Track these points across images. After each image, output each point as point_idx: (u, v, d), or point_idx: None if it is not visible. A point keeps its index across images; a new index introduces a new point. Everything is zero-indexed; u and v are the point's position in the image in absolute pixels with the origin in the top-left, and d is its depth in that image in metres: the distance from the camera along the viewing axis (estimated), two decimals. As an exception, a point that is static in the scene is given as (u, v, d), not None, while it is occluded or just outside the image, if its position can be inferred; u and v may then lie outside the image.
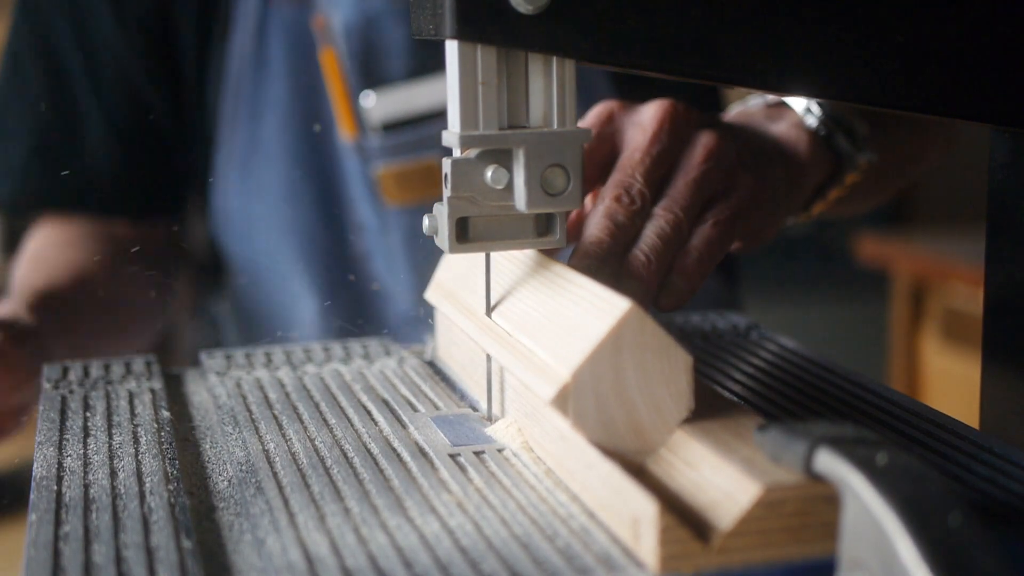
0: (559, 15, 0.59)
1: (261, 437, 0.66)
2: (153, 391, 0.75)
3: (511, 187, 0.62)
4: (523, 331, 0.63)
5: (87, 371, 0.79)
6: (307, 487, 0.58)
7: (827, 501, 0.49)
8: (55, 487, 0.59)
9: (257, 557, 0.53)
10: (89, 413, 0.71)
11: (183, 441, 0.68)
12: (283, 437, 0.66)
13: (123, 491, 0.59)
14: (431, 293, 0.78)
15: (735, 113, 0.85)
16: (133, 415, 0.70)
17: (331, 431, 0.66)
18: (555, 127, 0.62)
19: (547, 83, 0.62)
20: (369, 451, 0.63)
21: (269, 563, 0.51)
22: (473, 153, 0.62)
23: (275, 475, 0.60)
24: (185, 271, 1.25)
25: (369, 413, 0.70)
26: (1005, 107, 0.66)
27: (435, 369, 0.79)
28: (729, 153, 0.72)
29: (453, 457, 0.62)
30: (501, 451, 0.63)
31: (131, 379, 0.77)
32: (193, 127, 1.17)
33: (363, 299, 1.16)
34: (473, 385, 0.74)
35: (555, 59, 0.61)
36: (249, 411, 0.70)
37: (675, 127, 0.72)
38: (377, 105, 1.12)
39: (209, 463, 0.65)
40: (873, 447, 0.46)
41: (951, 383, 2.51)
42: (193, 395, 0.77)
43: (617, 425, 0.56)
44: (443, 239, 0.64)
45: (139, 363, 0.80)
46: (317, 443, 0.64)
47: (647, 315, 0.55)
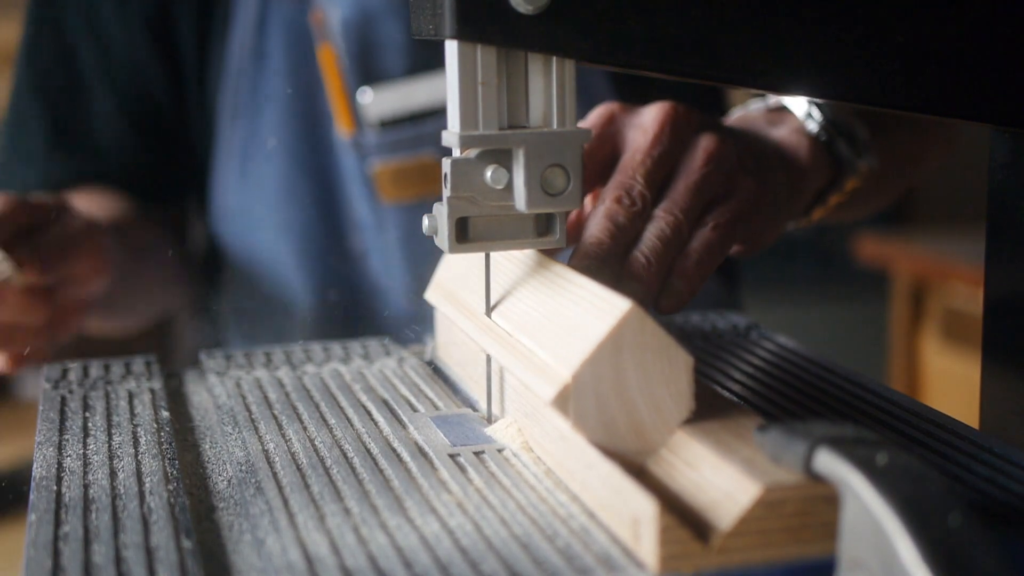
0: (559, 15, 0.59)
1: (261, 437, 0.66)
2: (153, 391, 0.75)
3: (511, 187, 0.62)
4: (523, 331, 0.63)
5: (87, 371, 0.79)
6: (307, 487, 0.58)
7: (827, 501, 0.49)
8: (55, 487, 0.59)
9: (257, 557, 0.53)
10: (89, 413, 0.71)
11: (183, 441, 0.68)
12: (283, 437, 0.66)
13: (123, 491, 0.59)
14: (431, 293, 0.78)
15: (736, 117, 0.85)
16: (133, 415, 0.70)
17: (331, 431, 0.66)
18: (555, 127, 0.62)
19: (547, 83, 0.62)
20: (369, 451, 0.63)
21: (269, 563, 0.51)
22: (473, 153, 0.62)
23: (275, 475, 0.60)
24: (186, 266, 1.26)
25: (369, 413, 0.70)
26: (1005, 107, 0.66)
27: (435, 369, 0.79)
28: (730, 156, 0.72)
29: (453, 457, 0.62)
30: (501, 451, 0.63)
31: (131, 379, 0.77)
32: (194, 122, 1.18)
33: (359, 297, 1.16)
34: (473, 385, 0.73)
35: (555, 59, 0.61)
36: (249, 411, 0.70)
37: (676, 129, 0.72)
38: (374, 102, 1.12)
39: (209, 463, 0.65)
40: (873, 447, 0.46)
41: (951, 383, 2.51)
42: (193, 395, 0.77)
43: (618, 425, 0.56)
44: (443, 239, 0.64)
45: (139, 363, 0.80)
46: (317, 443, 0.64)
47: (647, 315, 0.55)
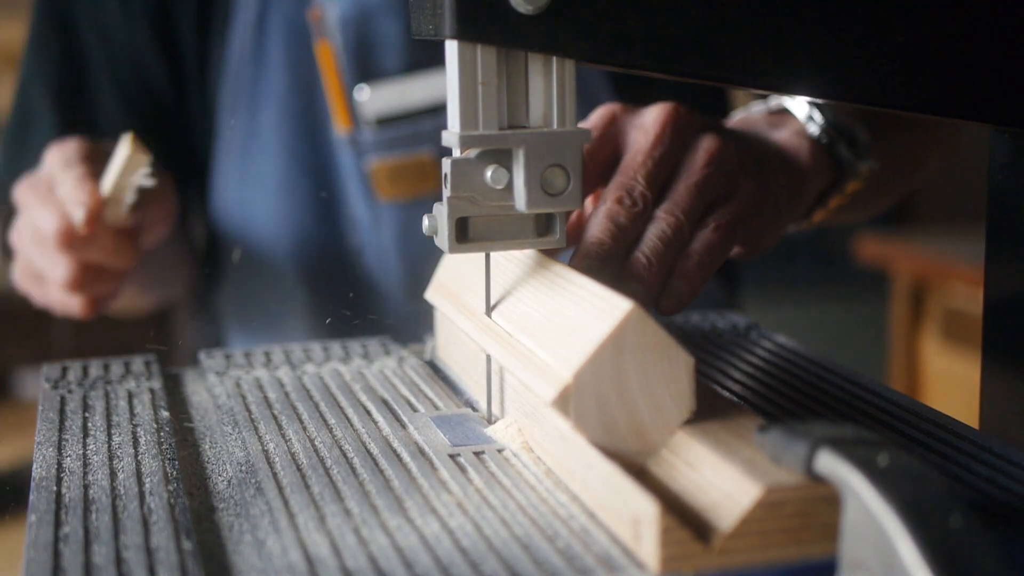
0: (559, 15, 0.59)
1: (261, 437, 0.66)
2: (152, 391, 0.75)
3: (511, 187, 0.62)
4: (523, 331, 0.63)
5: (86, 371, 0.79)
6: (307, 488, 0.58)
7: (828, 502, 0.49)
8: (55, 488, 0.59)
9: (257, 558, 0.52)
10: (88, 413, 0.71)
11: (183, 441, 0.68)
12: (283, 437, 0.66)
13: (123, 492, 0.59)
14: (431, 293, 0.78)
15: (737, 119, 0.85)
16: (132, 415, 0.70)
17: (331, 431, 0.66)
18: (555, 127, 0.62)
19: (547, 83, 0.62)
20: (369, 451, 0.63)
21: (269, 564, 0.51)
22: (473, 153, 0.62)
23: (275, 475, 0.60)
24: (189, 256, 1.26)
25: (369, 413, 0.70)
26: (1005, 107, 0.65)
27: (435, 369, 0.79)
28: (731, 158, 0.72)
29: (453, 457, 0.62)
30: (501, 451, 0.63)
31: (130, 379, 0.77)
32: (195, 118, 1.18)
33: (355, 293, 1.16)
34: (473, 385, 0.73)
35: (555, 59, 0.61)
36: (248, 411, 0.70)
37: (678, 130, 0.72)
38: (371, 99, 1.12)
39: (209, 463, 0.64)
40: (874, 448, 0.46)
41: (951, 383, 2.51)
42: (192, 395, 0.77)
43: (618, 426, 0.56)
44: (443, 239, 0.63)
45: (138, 363, 0.80)
46: (317, 443, 0.64)
47: (648, 316, 0.55)
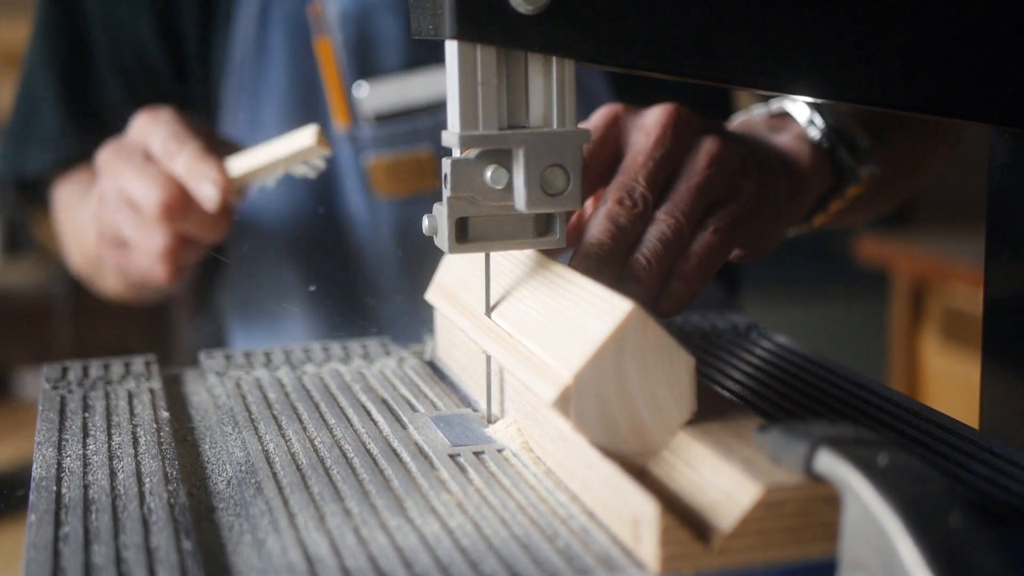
0: (559, 15, 0.59)
1: (260, 437, 0.66)
2: (152, 391, 0.75)
3: (511, 187, 0.62)
4: (524, 332, 0.63)
5: (86, 371, 0.79)
6: (307, 487, 0.58)
7: (827, 502, 0.49)
8: (55, 488, 0.59)
9: (257, 558, 0.53)
10: (88, 413, 0.71)
11: (183, 441, 0.68)
12: (282, 437, 0.66)
13: (123, 492, 0.59)
14: (431, 294, 0.78)
15: (738, 123, 0.85)
16: (132, 415, 0.70)
17: (331, 431, 0.66)
18: (555, 127, 0.62)
19: (547, 83, 0.62)
20: (369, 451, 0.63)
21: (269, 564, 0.51)
22: (473, 153, 0.62)
23: (275, 475, 0.60)
24: None
25: (369, 413, 0.70)
26: (1005, 107, 0.65)
27: (435, 369, 0.79)
28: (732, 160, 0.72)
29: (453, 457, 0.62)
30: (501, 451, 0.63)
31: (130, 379, 0.77)
32: (197, 110, 1.18)
33: (355, 292, 1.16)
34: (473, 385, 0.73)
35: (555, 59, 0.61)
36: (248, 411, 0.70)
37: (679, 132, 0.71)
38: (370, 95, 1.12)
39: (208, 463, 0.64)
40: (873, 447, 0.46)
41: (951, 383, 2.51)
42: (192, 395, 0.77)
43: (619, 427, 0.56)
44: (443, 239, 0.63)
45: (138, 363, 0.80)
46: (317, 443, 0.64)
47: (649, 316, 0.55)
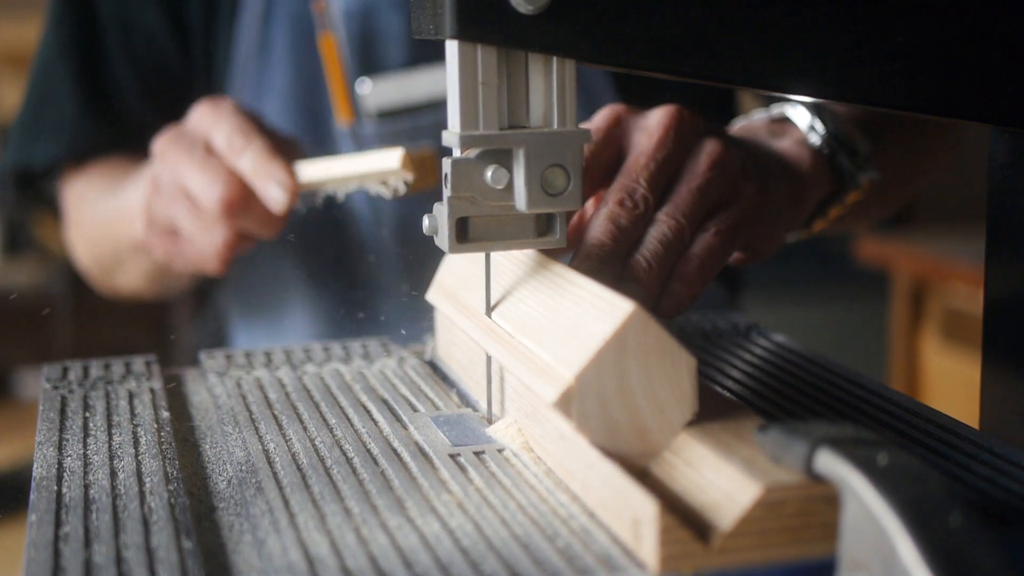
0: (559, 15, 0.59)
1: (261, 437, 0.66)
2: (153, 391, 0.75)
3: (511, 187, 0.62)
4: (524, 332, 0.63)
5: (87, 371, 0.79)
6: (307, 487, 0.58)
7: (827, 501, 0.49)
8: (55, 487, 0.59)
9: (257, 557, 0.53)
10: (89, 413, 0.71)
11: (183, 441, 0.68)
12: (283, 437, 0.66)
13: (123, 491, 0.59)
14: (432, 294, 0.78)
15: (738, 127, 0.85)
16: (133, 415, 0.70)
17: (331, 431, 0.66)
18: (555, 127, 0.62)
19: (547, 83, 0.62)
20: (369, 451, 0.63)
21: (269, 564, 0.51)
22: (473, 153, 0.62)
23: (275, 475, 0.60)
24: None
25: (369, 413, 0.70)
26: (1005, 107, 0.65)
27: (435, 369, 0.79)
28: (734, 162, 0.72)
29: (453, 457, 0.62)
30: (501, 451, 0.63)
31: (131, 379, 0.77)
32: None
33: (356, 289, 1.16)
34: (473, 385, 0.73)
35: (555, 59, 0.61)
36: (249, 411, 0.70)
37: (681, 133, 0.71)
38: (373, 92, 1.12)
39: (209, 463, 0.65)
40: (873, 447, 0.46)
41: (951, 383, 2.51)
42: (193, 395, 0.77)
43: (620, 427, 0.56)
44: (443, 239, 0.64)
45: (139, 363, 0.80)
46: (317, 443, 0.64)
47: (650, 317, 0.55)
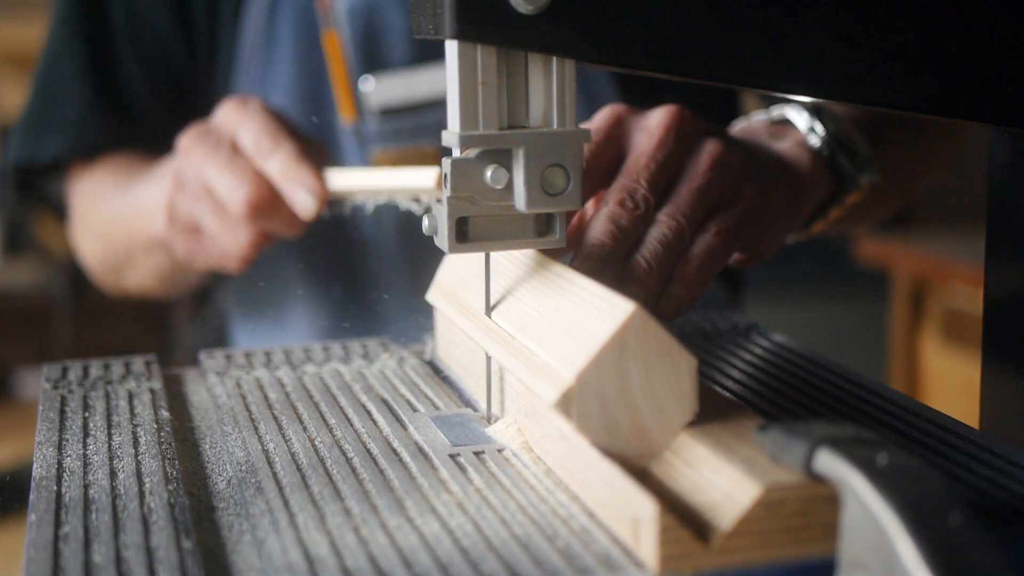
0: (559, 15, 0.59)
1: (261, 437, 0.66)
2: (153, 391, 0.75)
3: (511, 187, 0.62)
4: (524, 332, 0.63)
5: (86, 371, 0.79)
6: (307, 487, 0.58)
7: (827, 501, 0.49)
8: (55, 487, 0.59)
9: (257, 557, 0.53)
10: (88, 413, 0.71)
11: (183, 441, 0.68)
12: (283, 437, 0.66)
13: (123, 491, 0.59)
14: (432, 295, 0.78)
15: (738, 129, 0.85)
16: (133, 415, 0.70)
17: (331, 431, 0.66)
18: (555, 127, 0.62)
19: (547, 83, 0.62)
20: (369, 451, 0.63)
21: (269, 563, 0.51)
22: (473, 153, 0.62)
23: (275, 475, 0.60)
24: None
25: (369, 413, 0.70)
26: (1005, 107, 0.65)
27: (435, 369, 0.79)
28: (734, 163, 0.72)
29: (453, 457, 0.62)
30: (501, 451, 0.63)
31: (130, 379, 0.77)
32: (211, 99, 1.18)
33: (357, 288, 1.16)
34: (473, 385, 0.73)
35: (555, 59, 0.61)
36: (249, 411, 0.70)
37: (681, 134, 0.71)
38: (376, 90, 1.12)
39: (209, 463, 0.65)
40: (873, 447, 0.46)
41: (951, 383, 2.51)
42: (193, 395, 0.77)
43: (621, 428, 0.56)
44: (443, 239, 0.64)
45: (138, 363, 0.80)
46: (317, 443, 0.64)
47: (651, 317, 0.55)
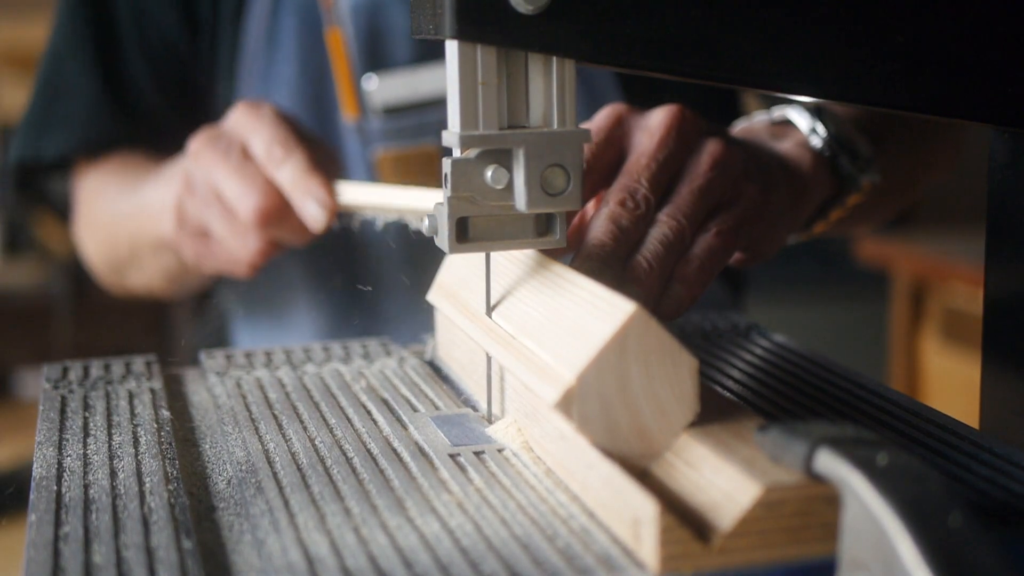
0: (559, 15, 0.59)
1: (261, 437, 0.66)
2: (153, 391, 0.75)
3: (511, 187, 0.62)
4: (525, 332, 0.63)
5: (87, 371, 0.79)
6: (307, 487, 0.58)
7: (827, 501, 0.49)
8: (55, 487, 0.59)
9: (257, 557, 0.53)
10: (89, 413, 0.71)
11: (183, 441, 0.68)
12: (283, 437, 0.66)
13: (123, 491, 0.59)
14: (433, 294, 0.78)
15: (739, 129, 0.85)
16: (133, 415, 0.70)
17: (331, 431, 0.66)
18: (555, 127, 0.62)
19: (547, 83, 0.62)
20: (369, 451, 0.63)
21: (269, 563, 0.51)
22: (473, 153, 0.62)
23: (275, 475, 0.60)
24: None
25: (369, 413, 0.70)
26: (1005, 107, 0.65)
27: (435, 369, 0.79)
28: (736, 163, 0.72)
29: (453, 457, 0.62)
30: (501, 451, 0.63)
31: (131, 379, 0.77)
32: (209, 104, 1.18)
33: (358, 283, 1.16)
34: (473, 385, 0.73)
35: (555, 59, 0.61)
36: (249, 411, 0.70)
37: (682, 133, 0.71)
38: (379, 88, 1.13)
39: (209, 463, 0.65)
40: (873, 447, 0.46)
41: (951, 383, 2.51)
42: (193, 395, 0.77)
43: (621, 428, 0.56)
44: (443, 239, 0.64)
45: (139, 363, 0.80)
46: (317, 443, 0.64)
47: (651, 317, 0.55)
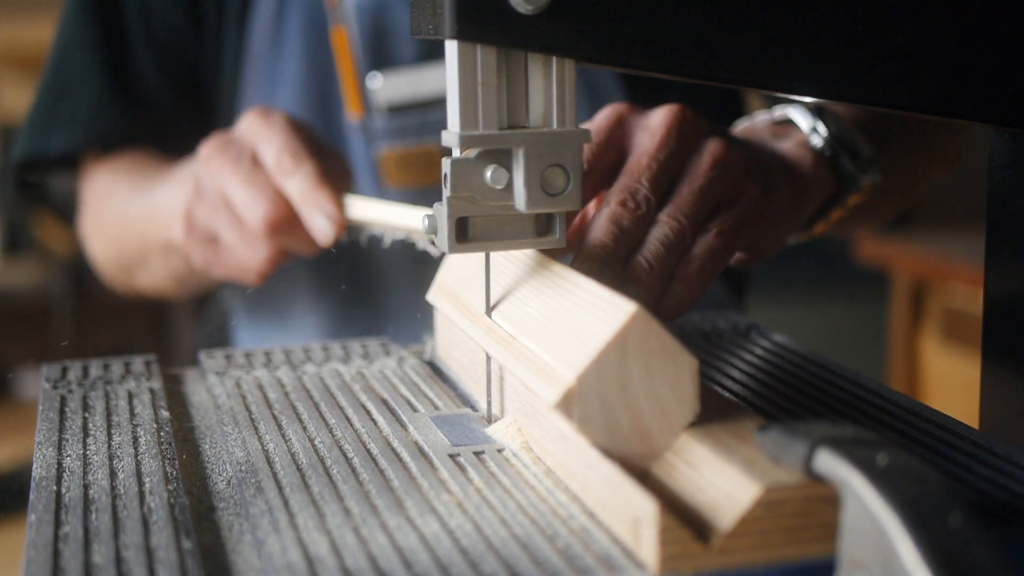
0: (559, 15, 0.59)
1: (260, 437, 0.66)
2: (152, 391, 0.75)
3: (511, 187, 0.62)
4: (525, 332, 0.63)
5: (86, 371, 0.79)
6: (307, 487, 0.58)
7: (827, 501, 0.49)
8: (55, 487, 0.59)
9: (257, 557, 0.53)
10: (88, 413, 0.71)
11: (183, 441, 0.68)
12: (283, 437, 0.66)
13: (123, 491, 0.59)
14: (433, 294, 0.78)
15: (740, 128, 0.85)
16: (132, 415, 0.70)
17: (331, 431, 0.66)
18: (555, 127, 0.62)
19: (547, 83, 0.62)
20: (369, 451, 0.63)
21: (269, 563, 0.51)
22: (473, 153, 0.62)
23: (275, 475, 0.60)
24: None
25: (369, 413, 0.70)
26: (1005, 107, 0.65)
27: (435, 369, 0.79)
28: (736, 163, 0.72)
29: (453, 457, 0.62)
30: (501, 451, 0.63)
31: (130, 379, 0.77)
32: (215, 102, 1.18)
33: (358, 286, 1.16)
34: (473, 385, 0.73)
35: (555, 59, 0.61)
36: (248, 411, 0.70)
37: (683, 133, 0.71)
38: (384, 87, 1.13)
39: (209, 463, 0.65)
40: (873, 447, 0.46)
41: (951, 383, 2.51)
42: (192, 395, 0.77)
43: (622, 429, 0.56)
44: (443, 239, 0.63)
45: (138, 363, 0.80)
46: (317, 443, 0.64)
47: (652, 318, 0.55)
